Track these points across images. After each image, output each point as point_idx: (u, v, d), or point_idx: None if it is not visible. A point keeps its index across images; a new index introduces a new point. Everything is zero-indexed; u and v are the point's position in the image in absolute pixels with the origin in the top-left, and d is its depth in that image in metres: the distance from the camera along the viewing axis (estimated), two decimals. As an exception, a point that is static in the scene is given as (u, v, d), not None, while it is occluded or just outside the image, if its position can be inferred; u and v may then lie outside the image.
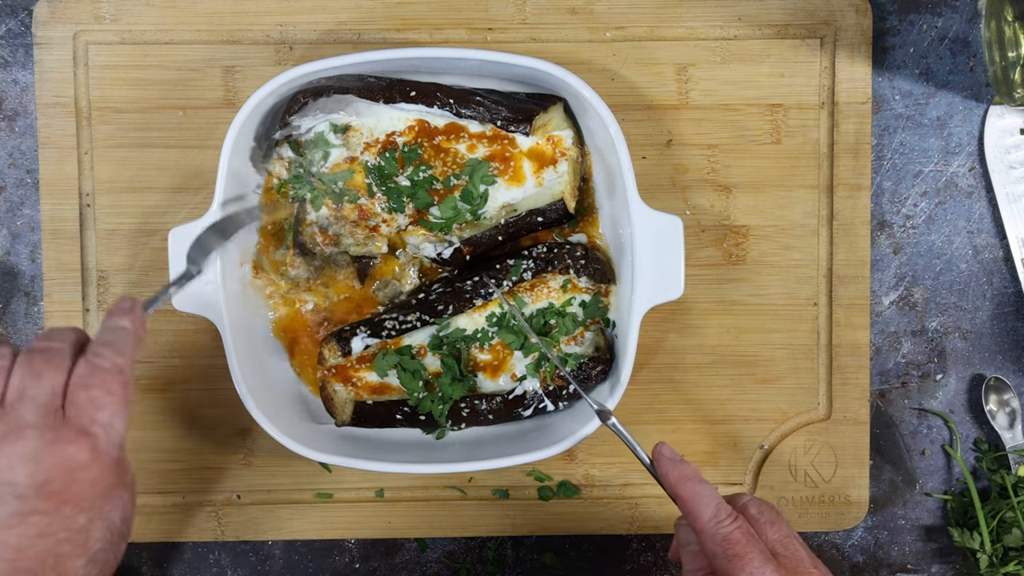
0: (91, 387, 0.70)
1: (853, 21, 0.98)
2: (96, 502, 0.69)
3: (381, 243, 0.94)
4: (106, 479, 0.70)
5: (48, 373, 0.70)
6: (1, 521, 0.66)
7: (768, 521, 0.77)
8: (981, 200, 1.02)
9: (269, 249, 0.96)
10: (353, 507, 1.01)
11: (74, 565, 0.68)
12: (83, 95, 0.98)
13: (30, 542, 0.66)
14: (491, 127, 0.91)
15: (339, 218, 0.93)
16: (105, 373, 0.71)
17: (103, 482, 0.69)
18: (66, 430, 0.68)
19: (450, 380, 0.93)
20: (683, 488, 0.77)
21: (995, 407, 1.02)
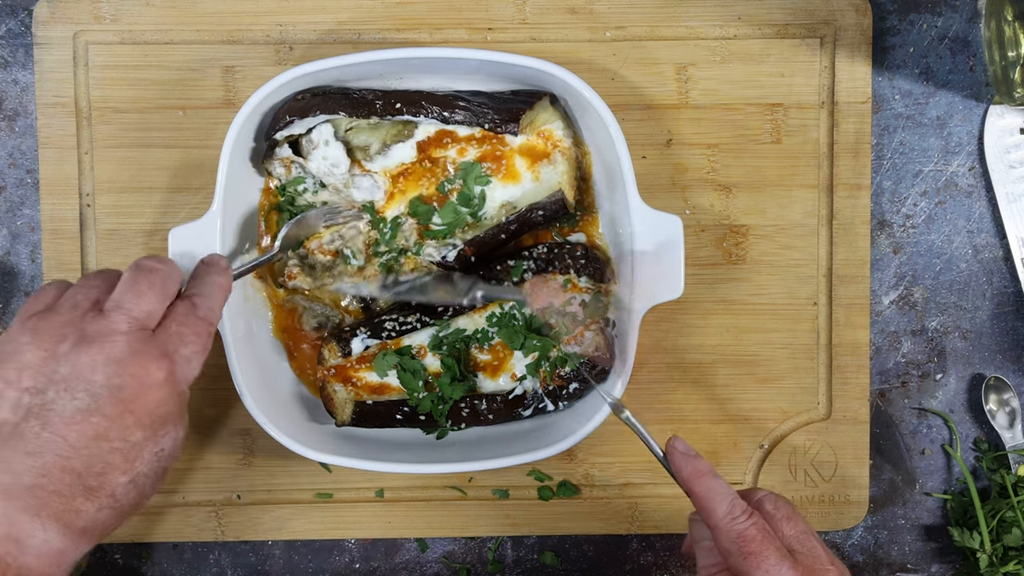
0: (183, 324, 0.75)
1: (853, 21, 0.98)
2: (155, 423, 0.72)
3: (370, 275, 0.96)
4: (170, 405, 0.73)
5: (149, 296, 0.74)
6: (67, 416, 0.69)
7: (784, 517, 0.76)
8: (981, 200, 1.02)
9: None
10: (353, 507, 1.01)
11: (117, 479, 0.71)
12: (83, 95, 0.98)
13: (86, 442, 0.69)
14: (479, 130, 0.92)
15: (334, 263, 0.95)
16: (198, 319, 0.76)
17: (167, 407, 0.73)
18: (151, 347, 0.72)
19: (450, 380, 0.93)
20: (697, 483, 0.77)
21: (995, 407, 1.02)
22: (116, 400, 0.70)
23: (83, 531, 0.70)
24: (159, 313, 0.75)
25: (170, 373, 0.73)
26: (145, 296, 0.74)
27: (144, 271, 0.76)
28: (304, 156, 0.93)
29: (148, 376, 0.71)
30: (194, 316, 0.76)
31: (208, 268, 0.82)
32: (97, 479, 0.70)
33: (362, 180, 0.94)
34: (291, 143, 0.93)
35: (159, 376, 0.72)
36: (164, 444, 0.73)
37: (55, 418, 0.69)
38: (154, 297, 0.75)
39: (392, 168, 0.93)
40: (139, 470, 0.72)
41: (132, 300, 0.74)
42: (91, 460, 0.69)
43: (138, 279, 0.75)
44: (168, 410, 0.73)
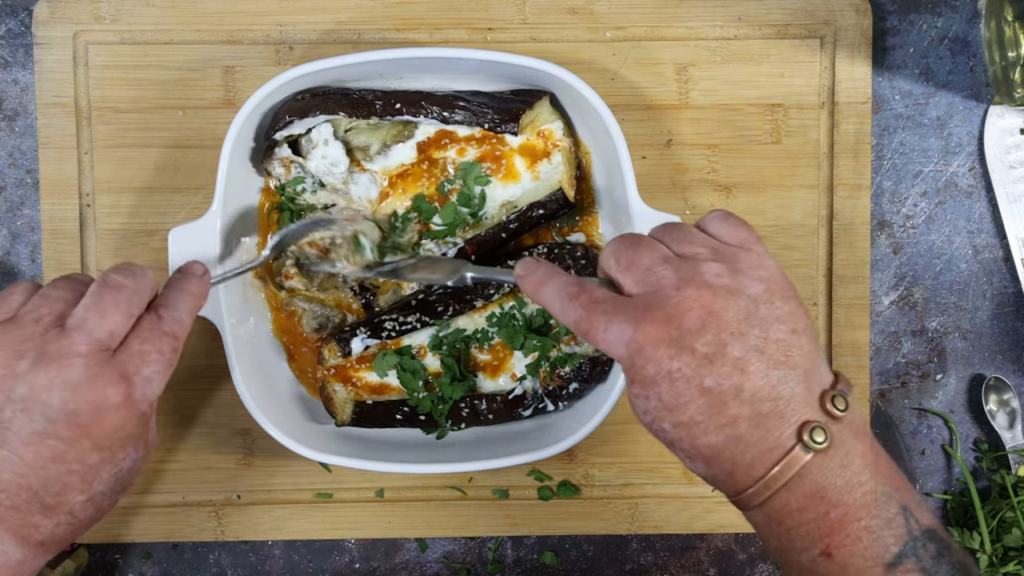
0: (146, 341, 0.74)
1: (853, 21, 0.98)
2: (113, 446, 0.71)
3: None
4: (128, 428, 0.72)
5: (113, 315, 0.73)
6: (23, 436, 0.69)
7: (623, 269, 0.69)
8: (981, 200, 1.02)
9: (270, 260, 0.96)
10: (353, 507, 1.01)
11: (74, 498, 0.71)
12: (83, 95, 0.98)
13: (42, 463, 0.69)
14: (479, 130, 0.92)
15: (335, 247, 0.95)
16: (162, 334, 0.75)
17: (125, 430, 0.72)
18: (110, 371, 0.71)
19: (450, 380, 0.93)
20: (539, 296, 0.73)
21: (995, 407, 1.02)
22: (72, 424, 0.69)
23: (40, 544, 0.70)
24: (122, 331, 0.73)
25: (127, 396, 0.71)
26: (109, 316, 0.72)
27: (110, 288, 0.74)
28: (304, 156, 0.93)
29: (104, 401, 0.70)
30: (158, 331, 0.75)
31: (180, 277, 0.80)
32: (55, 498, 0.70)
33: (361, 179, 0.94)
34: (291, 143, 0.93)
35: (116, 400, 0.70)
36: (123, 465, 0.72)
37: (12, 437, 0.69)
38: (118, 317, 0.72)
39: (392, 169, 0.93)
40: (97, 489, 0.71)
41: (95, 320, 0.72)
42: (48, 480, 0.69)
43: (103, 296, 0.73)
44: (126, 433, 0.72)
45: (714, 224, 0.72)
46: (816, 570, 0.64)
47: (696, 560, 1.03)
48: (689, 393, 0.64)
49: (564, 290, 0.70)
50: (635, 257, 0.69)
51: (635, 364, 0.65)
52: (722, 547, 1.03)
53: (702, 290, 0.65)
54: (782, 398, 0.64)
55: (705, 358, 0.64)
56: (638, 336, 0.65)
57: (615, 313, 0.66)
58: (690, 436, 0.65)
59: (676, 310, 0.65)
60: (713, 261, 0.68)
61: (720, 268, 0.67)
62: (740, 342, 0.64)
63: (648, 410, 0.66)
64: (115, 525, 1.00)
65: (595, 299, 0.68)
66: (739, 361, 0.64)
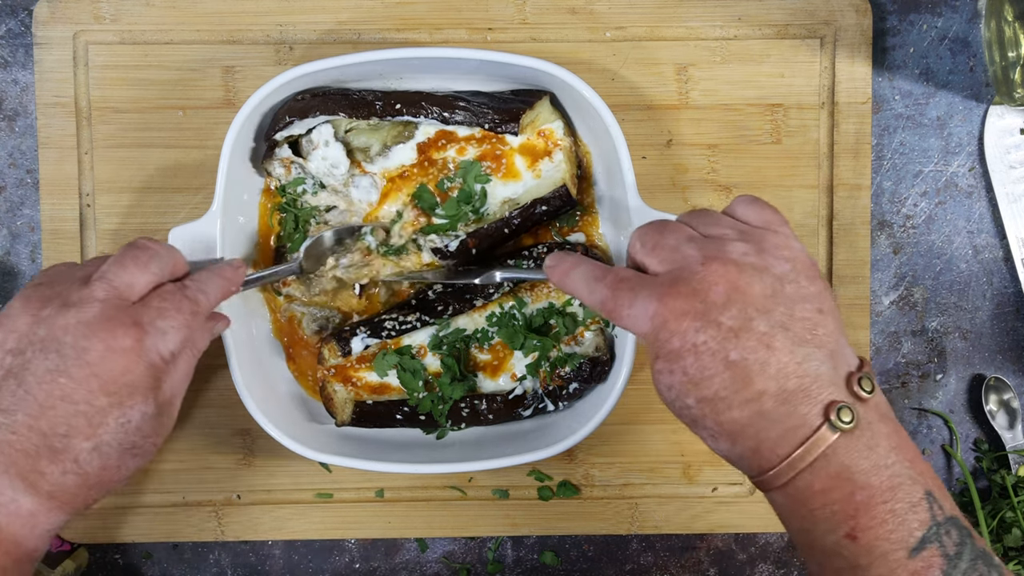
0: (164, 299, 0.77)
1: (853, 21, 0.98)
2: (121, 391, 0.73)
3: (381, 267, 0.95)
4: (136, 374, 0.73)
5: (132, 269, 0.76)
6: (38, 375, 0.71)
7: (648, 250, 0.70)
8: (981, 200, 1.02)
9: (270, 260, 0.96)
10: (353, 507, 1.01)
11: (80, 444, 0.72)
12: (83, 95, 0.98)
13: (53, 402, 0.71)
14: (479, 130, 0.92)
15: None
16: (183, 298, 0.78)
17: (132, 375, 0.73)
18: (123, 315, 0.74)
19: (450, 380, 0.93)
20: (567, 283, 0.75)
21: (995, 407, 1.02)
22: (82, 362, 0.71)
23: (50, 496, 0.71)
24: (141, 286, 0.76)
25: (138, 341, 0.73)
26: (128, 269, 0.76)
27: (134, 247, 0.78)
28: (304, 157, 0.93)
29: (115, 341, 0.72)
30: (180, 295, 0.78)
31: (218, 265, 0.84)
32: (62, 441, 0.71)
33: (362, 181, 0.94)
34: (291, 144, 0.93)
35: (126, 343, 0.72)
36: (131, 416, 0.73)
37: (29, 377, 0.71)
38: (136, 270, 0.76)
39: (392, 170, 0.93)
40: (103, 438, 0.72)
41: (115, 271, 0.76)
42: (56, 421, 0.71)
43: (126, 253, 0.77)
44: (134, 379, 0.73)
45: (740, 207, 0.73)
46: (840, 553, 0.63)
47: (696, 560, 1.03)
48: (714, 366, 0.64)
49: (591, 273, 0.72)
50: (661, 239, 0.70)
51: (660, 338, 0.65)
52: (722, 547, 1.03)
53: (728, 266, 0.66)
54: (808, 375, 0.63)
55: (730, 331, 0.64)
56: (663, 310, 0.65)
57: (640, 288, 0.67)
58: (714, 412, 0.65)
59: (701, 284, 0.65)
60: (739, 241, 0.68)
61: (746, 247, 0.68)
62: (765, 318, 0.64)
63: (672, 385, 0.66)
64: (115, 525, 1.00)
65: (620, 278, 0.69)
66: (764, 336, 0.64)
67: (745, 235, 0.69)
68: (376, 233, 0.94)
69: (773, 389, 0.63)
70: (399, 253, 0.95)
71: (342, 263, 0.95)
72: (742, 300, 0.64)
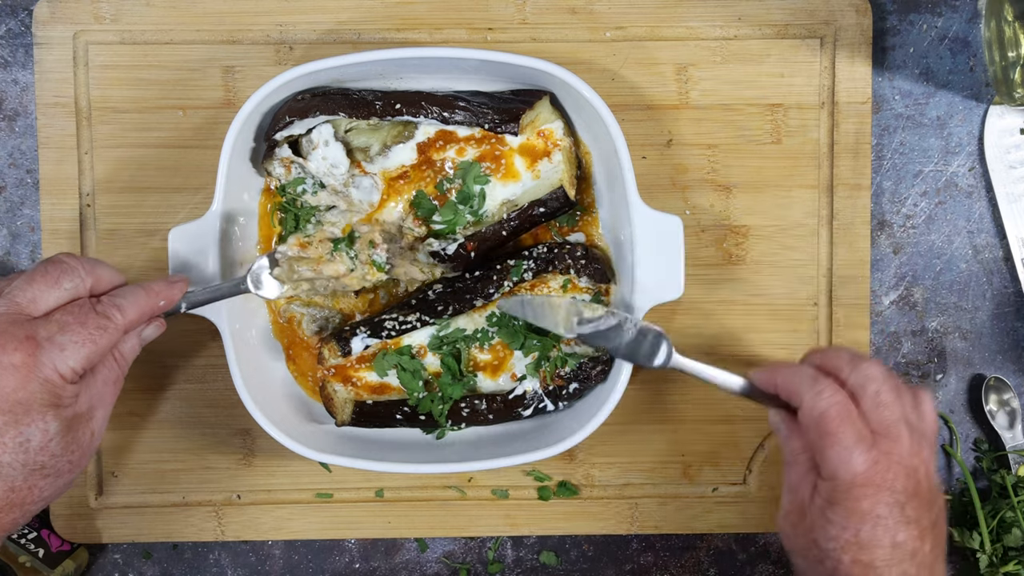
0: (69, 313, 0.74)
1: (853, 21, 0.98)
2: (15, 409, 0.70)
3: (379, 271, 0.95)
4: (30, 391, 0.70)
5: (40, 284, 0.74)
6: None
7: (879, 404, 0.76)
8: (981, 200, 1.02)
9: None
10: (353, 507, 1.01)
11: None
12: (83, 95, 0.98)
13: None
14: (479, 130, 0.92)
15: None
16: (91, 312, 0.75)
17: (25, 391, 0.70)
18: (17, 329, 0.71)
19: (450, 380, 0.93)
20: (779, 375, 0.80)
21: (995, 407, 1.02)
22: None
23: None
24: (48, 302, 0.74)
25: (30, 355, 0.70)
26: (35, 284, 0.74)
27: (47, 262, 0.76)
28: (304, 156, 0.93)
29: (4, 356, 0.70)
30: (88, 309, 0.75)
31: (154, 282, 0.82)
32: None
33: (362, 181, 0.94)
34: (291, 143, 0.93)
35: (16, 358, 0.70)
36: (29, 435, 0.71)
37: None
38: (44, 286, 0.74)
39: (392, 171, 0.93)
40: (2, 459, 0.70)
41: (20, 286, 0.74)
42: None
43: (36, 269, 0.75)
44: (27, 396, 0.70)
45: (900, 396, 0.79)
46: None
47: (696, 560, 1.03)
48: (886, 540, 0.73)
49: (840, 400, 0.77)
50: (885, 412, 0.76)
51: (853, 492, 0.73)
52: (722, 547, 1.03)
53: (917, 461, 0.75)
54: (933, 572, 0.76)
55: (907, 520, 0.73)
56: (874, 473, 0.73)
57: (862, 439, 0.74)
58: (862, 573, 0.73)
59: (908, 468, 0.74)
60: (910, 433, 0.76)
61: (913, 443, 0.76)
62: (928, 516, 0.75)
63: (836, 537, 0.73)
64: (115, 525, 1.00)
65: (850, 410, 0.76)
66: (922, 531, 0.74)
67: (913, 430, 0.76)
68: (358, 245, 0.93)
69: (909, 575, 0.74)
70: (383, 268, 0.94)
71: (302, 282, 0.93)
72: (919, 497, 0.74)
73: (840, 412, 0.74)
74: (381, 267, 0.91)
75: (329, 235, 0.92)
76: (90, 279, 0.77)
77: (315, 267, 0.91)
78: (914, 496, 0.74)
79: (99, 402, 0.76)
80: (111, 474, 1.00)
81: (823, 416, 0.74)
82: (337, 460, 0.91)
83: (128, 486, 1.00)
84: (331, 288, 0.94)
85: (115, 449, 0.99)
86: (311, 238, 0.92)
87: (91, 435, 0.76)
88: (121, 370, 0.79)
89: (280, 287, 0.92)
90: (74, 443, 0.74)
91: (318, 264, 0.91)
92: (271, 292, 0.92)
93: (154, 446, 1.00)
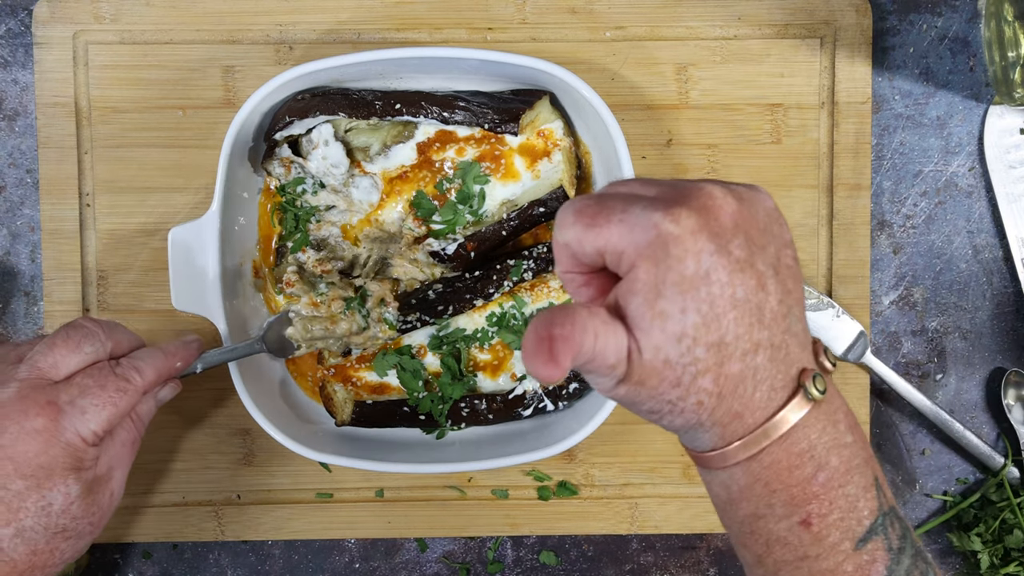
0: (89, 376, 0.74)
1: (853, 21, 0.98)
2: (38, 474, 0.70)
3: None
4: (52, 456, 0.71)
5: (62, 349, 0.74)
6: None
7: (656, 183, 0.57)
8: (981, 200, 1.02)
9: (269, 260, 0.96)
10: (353, 507, 1.01)
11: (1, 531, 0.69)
12: (83, 95, 0.98)
13: None
14: (479, 130, 0.92)
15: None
16: (111, 375, 0.75)
17: (48, 456, 0.70)
18: (40, 395, 0.71)
19: (450, 380, 0.93)
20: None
21: (1012, 401, 1.01)
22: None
23: None
24: (69, 366, 0.74)
25: (52, 421, 0.71)
26: (57, 349, 0.74)
27: (69, 327, 0.76)
28: (304, 156, 0.93)
29: (27, 421, 0.70)
30: (107, 371, 0.75)
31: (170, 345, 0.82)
32: None
33: (362, 181, 0.94)
34: (291, 143, 0.93)
35: (38, 423, 0.70)
36: (52, 499, 0.71)
37: None
38: (66, 350, 0.74)
39: (392, 171, 0.93)
40: (25, 523, 0.70)
41: (42, 351, 0.74)
42: None
43: (58, 333, 0.76)
44: (49, 461, 0.70)
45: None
46: (789, 541, 0.56)
47: (696, 560, 1.03)
48: (724, 303, 0.52)
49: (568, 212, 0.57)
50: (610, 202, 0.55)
51: (669, 257, 0.51)
52: (722, 547, 1.03)
53: (727, 191, 0.54)
54: (789, 332, 0.55)
55: (737, 263, 0.52)
56: (670, 226, 0.52)
57: (634, 202, 0.54)
58: (718, 363, 0.53)
59: (711, 202, 0.53)
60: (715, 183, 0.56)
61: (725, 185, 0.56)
62: (762, 255, 0.54)
63: (685, 331, 0.52)
64: (115, 525, 1.00)
65: (604, 194, 0.56)
66: (761, 276, 0.53)
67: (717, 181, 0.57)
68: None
69: (766, 341, 0.53)
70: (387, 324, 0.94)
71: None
72: (745, 230, 0.53)
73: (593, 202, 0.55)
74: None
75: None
76: (110, 343, 0.77)
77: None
78: (737, 231, 0.53)
79: (118, 463, 0.77)
80: (111, 474, 1.00)
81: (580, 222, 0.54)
82: (337, 460, 0.91)
83: (128, 486, 0.99)
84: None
85: (115, 449, 1.00)
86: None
87: (110, 496, 0.77)
88: (138, 431, 0.80)
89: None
90: (94, 505, 0.75)
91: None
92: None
93: (154, 446, 1.00)
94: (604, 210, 0.54)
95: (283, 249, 0.95)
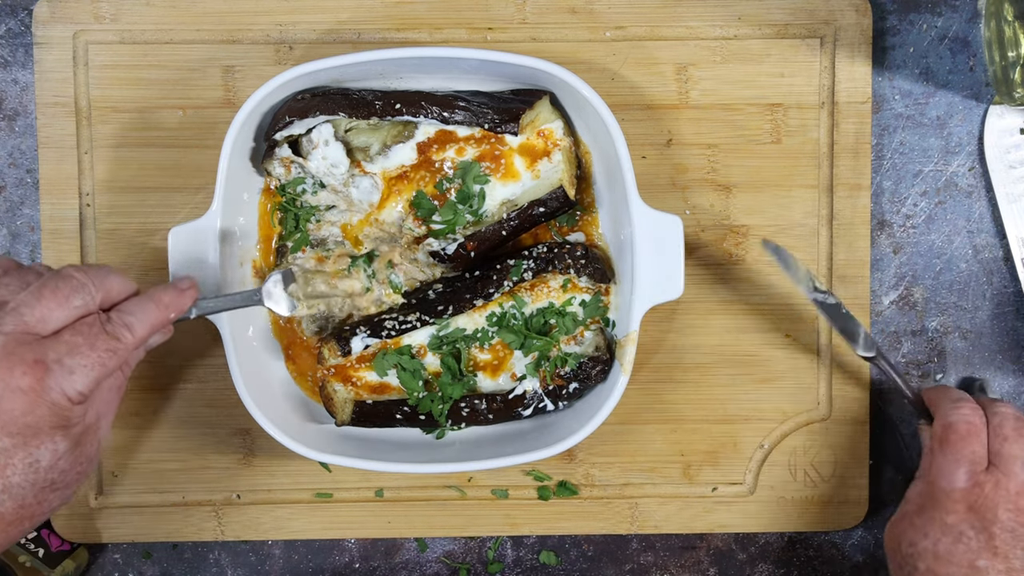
0: (79, 333, 0.72)
1: (853, 21, 0.98)
2: (24, 432, 0.69)
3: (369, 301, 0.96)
4: (38, 415, 0.70)
5: (49, 301, 0.71)
6: None
7: (1004, 436, 0.78)
8: (981, 200, 1.02)
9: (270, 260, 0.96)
10: (353, 507, 1.01)
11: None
12: (83, 95, 0.98)
13: None
14: (479, 130, 0.92)
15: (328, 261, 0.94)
16: (102, 332, 0.73)
17: (34, 415, 0.69)
18: (25, 352, 0.69)
19: (450, 380, 0.93)
20: (931, 391, 0.84)
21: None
22: None
23: None
24: (56, 320, 0.71)
25: (38, 380, 0.69)
26: (44, 301, 0.71)
27: (57, 277, 0.73)
28: (304, 156, 0.93)
29: (11, 380, 0.68)
30: (98, 327, 0.73)
31: (159, 286, 0.79)
32: None
33: (362, 181, 0.94)
34: (291, 143, 0.93)
35: (24, 382, 0.69)
36: (39, 456, 0.70)
37: None
38: (53, 303, 0.71)
39: (392, 170, 0.93)
40: (12, 479, 0.69)
41: (28, 303, 0.71)
42: None
43: (47, 283, 0.72)
44: (36, 420, 0.69)
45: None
46: None
47: (696, 560, 1.03)
48: (961, 560, 0.72)
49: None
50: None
51: (944, 503, 0.74)
52: (722, 547, 1.03)
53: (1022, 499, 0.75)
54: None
55: (993, 547, 0.73)
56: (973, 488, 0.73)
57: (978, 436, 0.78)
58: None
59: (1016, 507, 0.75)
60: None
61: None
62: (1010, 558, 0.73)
63: (915, 543, 0.74)
64: (115, 525, 1.00)
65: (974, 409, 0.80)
66: (1010, 569, 0.72)
67: None
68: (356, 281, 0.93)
69: None
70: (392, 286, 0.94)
71: (319, 301, 0.93)
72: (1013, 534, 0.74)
73: (967, 429, 0.77)
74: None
75: (348, 251, 0.92)
76: (100, 294, 0.75)
77: (330, 281, 0.91)
78: (1011, 532, 0.73)
79: (105, 410, 0.76)
80: (111, 474, 1.00)
81: (950, 427, 0.77)
82: (337, 460, 0.91)
83: (128, 486, 1.00)
84: (345, 309, 0.93)
85: (115, 449, 0.99)
86: (330, 253, 0.92)
87: (98, 443, 0.76)
88: (125, 377, 0.79)
89: (293, 304, 0.91)
90: (82, 456, 0.74)
91: (334, 278, 0.91)
92: (284, 308, 0.91)
93: (154, 446, 1.00)
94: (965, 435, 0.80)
95: (283, 249, 0.95)
